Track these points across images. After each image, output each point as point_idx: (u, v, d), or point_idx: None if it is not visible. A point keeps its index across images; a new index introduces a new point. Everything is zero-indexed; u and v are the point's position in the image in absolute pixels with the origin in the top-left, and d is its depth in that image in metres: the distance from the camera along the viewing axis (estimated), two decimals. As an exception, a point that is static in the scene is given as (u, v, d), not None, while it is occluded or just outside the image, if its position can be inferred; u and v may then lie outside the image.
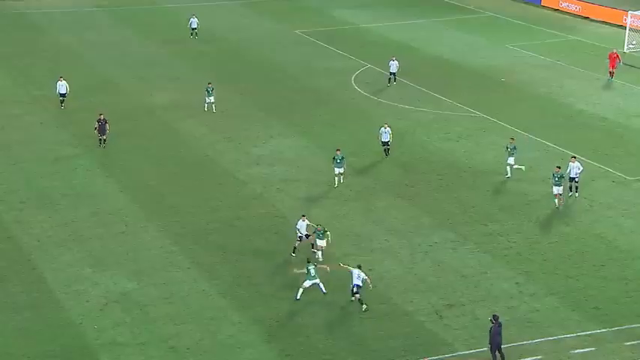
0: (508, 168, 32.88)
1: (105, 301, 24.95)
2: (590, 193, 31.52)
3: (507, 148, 32.50)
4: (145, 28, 57.53)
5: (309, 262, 25.46)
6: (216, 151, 36.31)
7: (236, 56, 50.89)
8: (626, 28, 50.66)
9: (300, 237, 27.44)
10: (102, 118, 35.71)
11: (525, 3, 63.86)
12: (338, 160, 32.27)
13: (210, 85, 40.17)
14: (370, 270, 26.76)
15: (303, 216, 27.66)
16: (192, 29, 52.16)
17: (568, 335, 23.16)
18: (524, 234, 28.74)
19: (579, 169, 30.81)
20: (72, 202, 31.23)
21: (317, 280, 25.10)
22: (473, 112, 40.59)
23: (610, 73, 44.97)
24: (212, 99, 39.92)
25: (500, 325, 21.78)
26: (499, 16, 60.32)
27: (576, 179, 30.81)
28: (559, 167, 30.60)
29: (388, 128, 34.97)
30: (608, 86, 43.94)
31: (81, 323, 23.95)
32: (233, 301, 25.11)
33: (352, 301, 24.55)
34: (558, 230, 28.93)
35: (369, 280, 24.44)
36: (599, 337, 23.11)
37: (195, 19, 52.50)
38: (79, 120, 39.39)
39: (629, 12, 51.48)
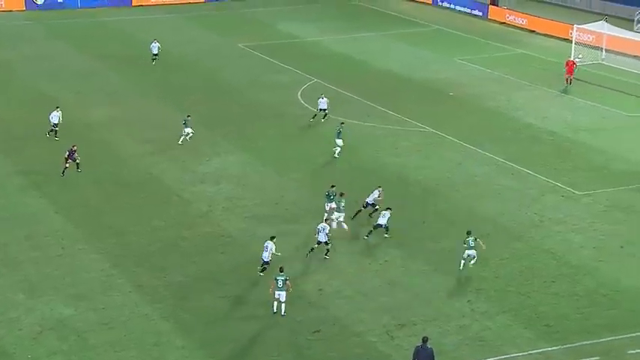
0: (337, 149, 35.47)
1: (39, 328, 24.21)
2: (539, 209, 31.99)
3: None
4: (82, 42, 56.68)
5: (281, 271, 25.23)
6: (159, 169, 35.79)
7: (179, 70, 50.43)
8: (572, 41, 51.84)
9: (319, 242, 27.57)
10: (73, 148, 34.61)
11: (472, 16, 64.97)
12: (331, 197, 30.39)
13: (189, 118, 38.36)
14: (319, 290, 26.62)
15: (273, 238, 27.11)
16: (154, 55, 50.92)
17: (520, 354, 23.33)
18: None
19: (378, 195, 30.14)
20: (3, 225, 30.34)
21: (282, 294, 24.90)
22: (422, 127, 40.92)
23: (568, 80, 45.81)
24: (188, 130, 37.98)
25: (429, 349, 21.27)
26: (446, 30, 61.20)
27: (376, 206, 30.03)
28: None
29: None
30: (555, 100, 44.83)
31: (14, 353, 23.18)
32: (177, 325, 24.65)
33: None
34: (509, 246, 29.23)
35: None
36: (551, 355, 23.34)
37: (157, 44, 50.88)
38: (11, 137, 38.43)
39: (575, 26, 52.73)
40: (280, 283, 25.09)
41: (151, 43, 51.19)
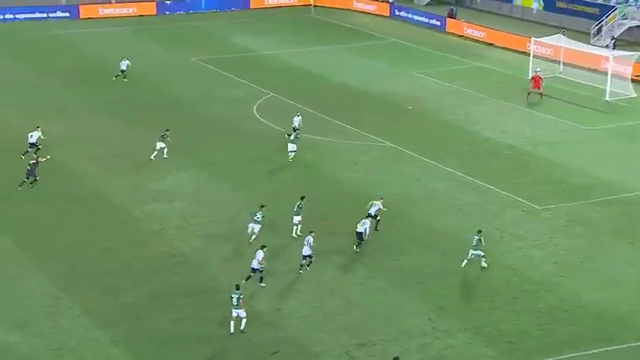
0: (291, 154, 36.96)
1: (-18, 356, 23.64)
2: (500, 224, 32.34)
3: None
4: (28, 56, 55.89)
5: (237, 288, 25.09)
6: (109, 187, 35.35)
7: (129, 85, 50.01)
8: (529, 54, 52.71)
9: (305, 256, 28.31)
10: (39, 160, 34.12)
11: (429, 29, 65.76)
12: (295, 210, 30.86)
13: (167, 132, 38.03)
14: (277, 310, 26.49)
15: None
16: (121, 71, 50.03)
17: (483, 372, 23.50)
18: (435, 267, 29.12)
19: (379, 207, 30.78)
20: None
21: (240, 311, 24.74)
22: (380, 141, 41.16)
23: (536, 94, 46.52)
24: (161, 144, 37.63)
25: None
26: (403, 42, 61.80)
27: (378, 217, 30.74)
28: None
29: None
30: (514, 113, 45.47)
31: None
32: (128, 349, 24.28)
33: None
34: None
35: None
36: (514, 372, 23.54)
37: (127, 61, 49.95)
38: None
39: (533, 39, 53.65)
40: (235, 300, 24.97)
41: (121, 60, 50.18)
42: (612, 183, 35.55)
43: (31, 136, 37.73)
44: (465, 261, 28.58)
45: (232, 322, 24.92)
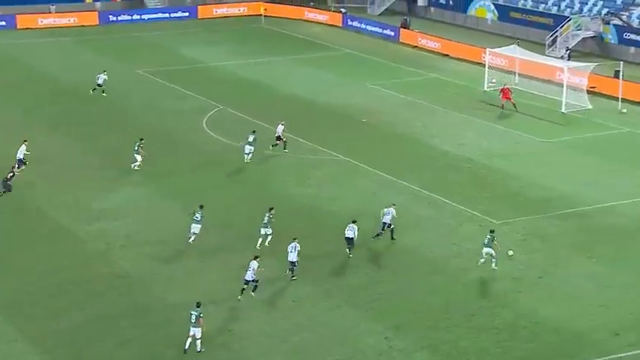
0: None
1: None
2: (458, 239, 32.63)
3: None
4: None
5: (197, 306, 24.98)
6: (51, 206, 34.78)
7: (71, 98, 49.38)
8: (485, 65, 53.51)
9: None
10: (14, 170, 34.31)
11: (383, 39, 66.34)
12: (265, 221, 31.05)
13: (142, 141, 38.21)
14: (229, 331, 26.30)
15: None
16: (98, 85, 49.06)
17: (441, 391, 23.61)
18: (391, 284, 29.23)
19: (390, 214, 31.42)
20: None
21: (196, 330, 24.54)
22: (334, 155, 41.28)
23: (510, 105, 47.18)
24: (139, 157, 37.91)
25: None
26: (357, 53, 62.23)
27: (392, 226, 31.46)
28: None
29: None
30: (470, 126, 46.03)
31: None
32: (72, 377, 23.83)
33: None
34: (427, 279, 29.64)
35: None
36: (473, 391, 23.70)
37: (104, 75, 49.12)
38: None
39: (488, 49, 54.48)
40: (193, 318, 24.84)
41: (98, 73, 49.41)
42: (569, 196, 36.18)
43: (20, 151, 37.50)
44: (481, 260, 29.78)
45: (188, 340, 24.69)
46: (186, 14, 73.71)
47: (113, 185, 36.96)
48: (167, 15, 73.12)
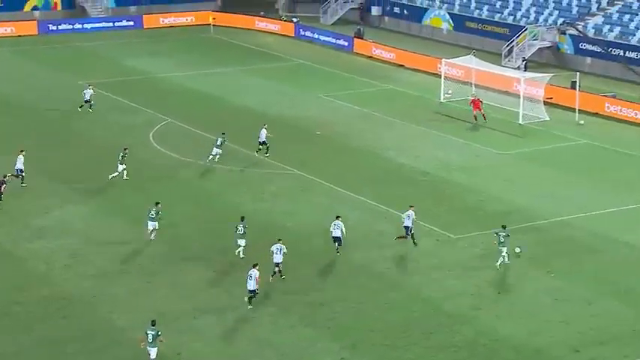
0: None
1: None
2: (416, 254, 32.94)
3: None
4: None
5: (153, 324, 24.87)
6: (-11, 224, 34.23)
7: (10, 112, 48.70)
8: (440, 76, 54.19)
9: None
10: (5, 178, 35.00)
11: (336, 49, 66.79)
12: (240, 232, 31.55)
13: (126, 151, 38.82)
14: (178, 354, 26.13)
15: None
16: (85, 101, 48.36)
17: (401, 412, 23.74)
18: (348, 302, 29.37)
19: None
20: None
21: (153, 350, 24.52)
22: (288, 169, 41.38)
23: (480, 116, 47.80)
24: (122, 167, 38.33)
25: None
26: (310, 64, 62.54)
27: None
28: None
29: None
30: (427, 138, 46.55)
31: None
32: (13, 405, 23.42)
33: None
34: (384, 296, 29.85)
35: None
36: (433, 411, 23.90)
37: (90, 90, 48.61)
38: None
39: (443, 60, 55.21)
40: (151, 337, 24.72)
41: (84, 89, 48.75)
42: (527, 209, 36.78)
43: (18, 159, 37.86)
44: (500, 259, 31.23)
45: None
46: (131, 23, 73.31)
47: (56, 202, 36.52)
48: (111, 24, 72.65)
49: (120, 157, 38.77)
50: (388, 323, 28.12)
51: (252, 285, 28.17)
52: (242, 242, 31.81)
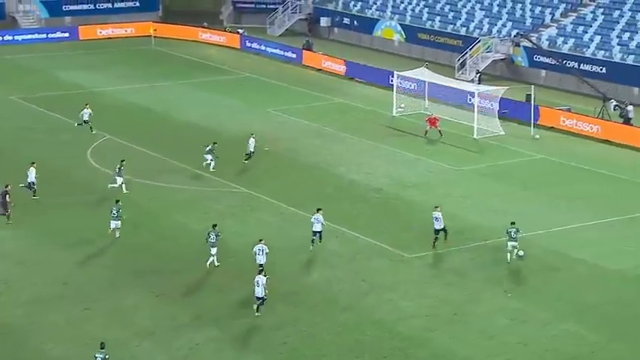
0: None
1: None
2: (368, 275, 33.13)
3: None
4: None
5: (102, 347, 24.84)
6: None
7: None
8: (393, 89, 54.73)
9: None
10: (6, 189, 36.14)
11: (284, 62, 67.08)
12: (212, 240, 32.56)
13: (123, 163, 39.68)
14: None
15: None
16: (84, 121, 47.67)
17: None
18: (300, 325, 29.40)
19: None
20: None
21: None
22: (235, 187, 41.35)
23: (436, 132, 48.42)
24: (121, 179, 39.46)
25: None
26: (257, 77, 62.69)
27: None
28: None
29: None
30: (379, 153, 46.91)
31: None
32: None
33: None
34: (335, 319, 29.93)
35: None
36: None
37: (88, 110, 47.84)
38: None
39: (395, 72, 55.81)
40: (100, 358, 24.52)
41: (81, 110, 48.01)
42: (484, 227, 37.26)
43: (30, 172, 38.73)
44: (508, 254, 33.27)
45: None
46: (66, 35, 72.69)
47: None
48: (44, 36, 71.93)
49: (117, 170, 39.39)
50: (340, 347, 28.20)
51: (260, 292, 28.94)
52: (213, 251, 32.50)
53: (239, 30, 73.35)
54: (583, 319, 29.87)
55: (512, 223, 33.69)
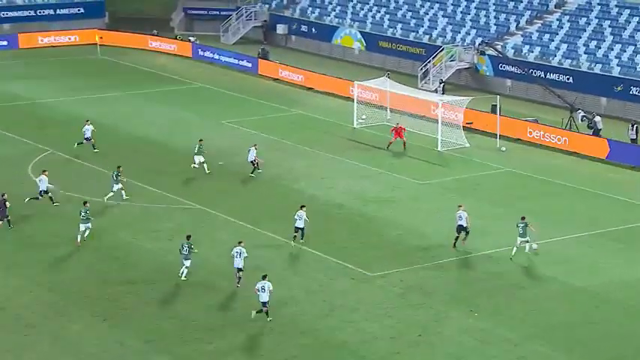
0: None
1: None
2: (329, 295, 32.97)
3: None
4: None
5: None
6: None
7: None
8: (353, 100, 54.82)
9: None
10: (4, 197, 36.77)
11: (239, 71, 66.92)
12: (185, 252, 33.22)
13: (120, 168, 40.47)
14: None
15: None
16: (86, 139, 46.74)
17: None
18: (254, 350, 29.15)
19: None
20: None
21: None
22: (187, 204, 41.01)
23: (401, 144, 48.68)
24: (118, 186, 40.08)
25: None
26: (210, 87, 62.44)
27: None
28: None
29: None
30: (339, 167, 46.87)
31: None
32: None
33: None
34: (295, 342, 29.72)
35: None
36: None
37: (90, 126, 46.97)
38: None
39: (356, 82, 55.91)
40: None
41: (83, 126, 47.11)
42: (449, 244, 37.32)
43: (41, 181, 39.54)
44: (515, 249, 35.05)
45: None
46: (5, 43, 71.87)
47: None
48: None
49: (114, 177, 39.82)
50: (301, 373, 28.00)
51: (265, 297, 29.99)
52: (187, 263, 32.91)
53: (191, 38, 73.06)
54: (552, 339, 29.99)
55: (523, 218, 35.41)
